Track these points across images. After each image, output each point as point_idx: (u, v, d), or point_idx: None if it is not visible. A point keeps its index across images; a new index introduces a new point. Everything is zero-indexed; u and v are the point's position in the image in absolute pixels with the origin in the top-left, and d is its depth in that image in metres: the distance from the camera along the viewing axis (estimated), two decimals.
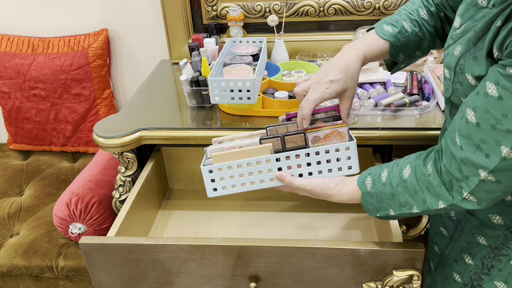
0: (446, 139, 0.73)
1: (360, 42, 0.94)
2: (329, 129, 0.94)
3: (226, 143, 1.00)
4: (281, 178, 0.94)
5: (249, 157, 0.94)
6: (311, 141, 0.95)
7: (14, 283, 1.52)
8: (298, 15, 1.63)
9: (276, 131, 0.98)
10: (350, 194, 0.89)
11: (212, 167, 0.95)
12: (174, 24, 1.67)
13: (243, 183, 0.97)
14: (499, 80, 0.63)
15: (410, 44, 0.95)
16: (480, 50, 0.69)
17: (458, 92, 0.75)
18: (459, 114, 0.71)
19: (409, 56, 0.98)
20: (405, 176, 0.79)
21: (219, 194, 0.98)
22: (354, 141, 0.94)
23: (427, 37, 0.96)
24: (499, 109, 0.64)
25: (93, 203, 1.43)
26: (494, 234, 0.83)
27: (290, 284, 0.99)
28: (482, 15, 0.72)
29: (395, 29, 0.94)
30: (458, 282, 0.92)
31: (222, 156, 0.94)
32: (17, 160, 1.94)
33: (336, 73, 0.88)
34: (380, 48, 0.94)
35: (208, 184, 0.97)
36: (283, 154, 0.94)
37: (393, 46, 0.94)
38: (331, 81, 0.88)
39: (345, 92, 0.91)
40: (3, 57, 1.80)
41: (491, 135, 0.66)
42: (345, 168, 0.95)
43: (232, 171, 0.95)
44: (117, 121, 1.32)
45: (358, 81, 0.92)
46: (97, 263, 1.00)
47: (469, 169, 0.69)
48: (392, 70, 1.03)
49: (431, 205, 0.76)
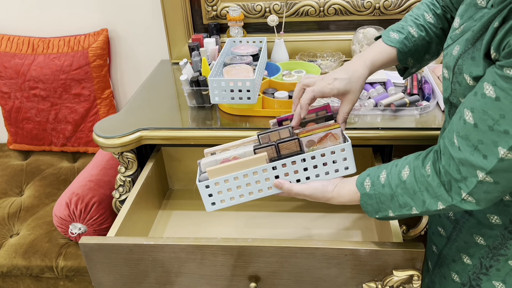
0: (445, 140, 0.73)
1: (368, 51, 0.96)
2: (323, 131, 0.93)
3: (219, 155, 0.98)
4: (279, 186, 0.93)
5: (245, 169, 0.93)
6: (306, 145, 0.94)
7: (14, 283, 1.52)
8: (298, 15, 1.63)
9: (269, 138, 0.97)
10: (349, 196, 0.89)
11: (209, 182, 0.93)
12: (174, 24, 1.67)
13: (241, 194, 0.95)
14: (496, 81, 0.63)
15: (418, 48, 0.96)
16: (478, 51, 0.69)
17: (457, 92, 0.75)
18: (457, 115, 0.71)
19: (418, 60, 0.99)
20: (404, 177, 0.79)
21: (218, 208, 0.96)
22: (349, 142, 0.93)
23: (434, 40, 0.97)
24: (496, 110, 0.64)
25: (93, 203, 1.43)
26: (492, 234, 0.83)
27: (290, 284, 0.99)
28: (481, 15, 0.72)
29: (401, 36, 0.95)
30: (456, 282, 0.92)
31: (218, 170, 0.93)
32: (17, 160, 1.94)
33: (342, 73, 0.91)
34: (388, 55, 0.95)
35: (206, 199, 0.95)
36: (279, 162, 0.93)
37: (401, 52, 0.95)
38: (334, 78, 0.91)
39: (347, 94, 0.92)
40: (3, 57, 1.80)
41: (489, 136, 0.66)
42: (342, 169, 0.95)
43: (229, 184, 0.94)
44: (117, 121, 1.32)
45: (362, 89, 0.93)
46: (97, 263, 1.00)
47: (467, 170, 0.69)
48: (404, 75, 1.04)
49: (431, 206, 0.76)
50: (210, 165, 0.96)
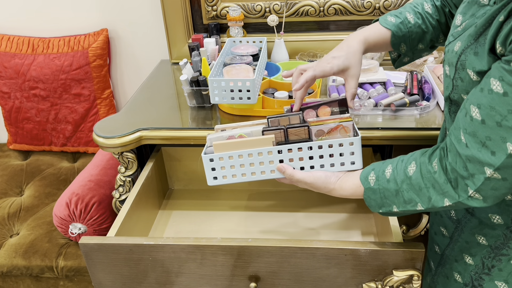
0: (451, 137, 0.73)
1: (363, 30, 0.99)
2: (334, 123, 0.93)
3: (228, 131, 0.99)
4: (282, 170, 0.94)
5: (251, 148, 0.93)
6: (315, 135, 0.94)
7: (14, 283, 1.52)
8: (298, 15, 1.63)
9: (278, 122, 0.98)
10: (352, 189, 0.88)
11: (213, 156, 0.94)
12: (174, 24, 1.67)
13: (244, 173, 0.96)
14: (503, 76, 0.63)
15: (412, 35, 0.98)
16: (481, 46, 0.68)
17: (459, 89, 0.75)
18: (463, 112, 0.71)
19: (411, 48, 1.00)
20: (410, 173, 0.78)
21: (219, 183, 0.97)
22: (358, 137, 0.93)
23: (430, 30, 0.98)
24: (504, 105, 0.63)
25: (93, 203, 1.43)
26: (494, 234, 0.83)
27: (290, 284, 0.99)
28: (483, 12, 0.72)
29: (397, 20, 0.97)
30: (458, 282, 0.92)
31: (224, 146, 0.94)
32: (17, 160, 1.94)
33: (337, 51, 0.95)
34: (382, 36, 0.97)
35: (208, 172, 0.96)
36: (286, 146, 0.93)
37: (395, 35, 0.97)
38: (332, 57, 0.94)
39: (348, 70, 0.94)
40: (3, 57, 1.80)
41: (497, 132, 0.65)
42: (348, 164, 0.95)
43: (233, 161, 0.94)
44: (117, 121, 1.32)
45: (361, 62, 0.95)
46: (97, 263, 1.00)
47: (474, 167, 0.69)
48: (396, 64, 1.05)
49: (436, 203, 0.76)
50: (218, 140, 0.96)
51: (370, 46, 0.97)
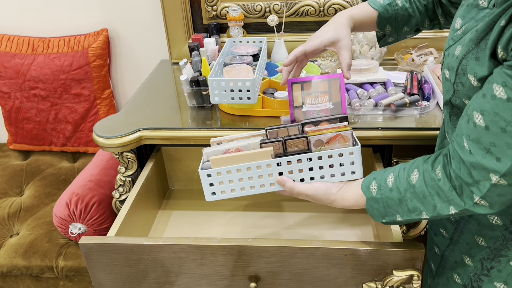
0: (454, 144, 0.72)
1: (350, 8, 1.01)
2: (333, 132, 0.91)
3: (224, 145, 0.97)
4: (282, 183, 0.92)
5: (249, 161, 0.91)
6: (314, 145, 0.92)
7: (14, 283, 1.52)
8: (298, 15, 1.63)
9: (277, 133, 0.96)
10: (353, 200, 0.87)
11: (211, 171, 0.92)
12: (174, 24, 1.67)
13: (243, 187, 0.94)
14: (507, 82, 0.62)
15: (398, 18, 0.99)
16: (482, 51, 0.68)
17: (460, 94, 0.74)
18: (465, 118, 0.70)
19: (396, 30, 1.02)
20: (413, 181, 0.77)
21: (218, 199, 0.95)
22: (358, 146, 0.91)
23: (416, 14, 1.00)
24: (508, 111, 0.63)
25: (93, 203, 1.43)
26: (493, 235, 0.83)
27: (290, 284, 0.99)
28: (483, 16, 0.71)
29: (385, 1, 0.99)
30: (458, 284, 0.92)
31: (221, 160, 0.92)
32: (17, 160, 1.94)
33: (326, 26, 0.97)
34: (368, 16, 0.99)
35: (206, 188, 0.94)
36: (284, 159, 0.91)
37: (381, 16, 0.99)
38: (322, 31, 0.97)
39: (338, 42, 0.95)
40: (3, 57, 1.80)
41: (502, 138, 0.64)
42: (348, 173, 0.93)
43: (231, 176, 0.92)
44: (117, 121, 1.32)
45: (350, 35, 0.96)
46: (97, 263, 1.00)
47: (479, 174, 0.68)
48: (381, 43, 1.07)
49: (442, 211, 0.75)
50: (214, 155, 0.94)
51: (357, 24, 0.99)
